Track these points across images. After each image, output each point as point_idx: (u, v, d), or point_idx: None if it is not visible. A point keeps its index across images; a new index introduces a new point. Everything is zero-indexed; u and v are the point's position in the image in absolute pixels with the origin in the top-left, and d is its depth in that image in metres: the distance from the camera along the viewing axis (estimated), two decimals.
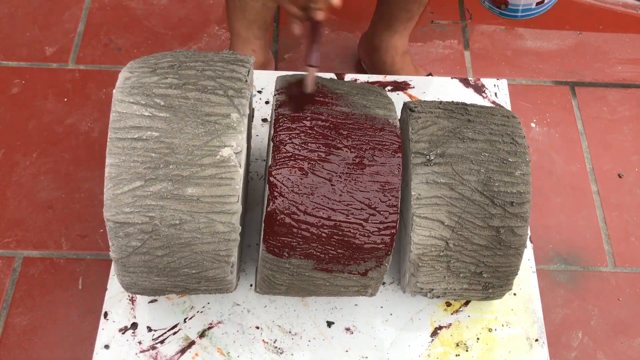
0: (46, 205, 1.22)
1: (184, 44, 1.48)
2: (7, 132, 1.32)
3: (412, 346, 0.94)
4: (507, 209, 0.83)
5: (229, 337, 0.94)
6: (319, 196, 0.78)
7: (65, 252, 1.17)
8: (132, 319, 0.95)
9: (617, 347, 1.12)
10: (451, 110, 0.89)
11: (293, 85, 0.85)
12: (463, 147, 0.85)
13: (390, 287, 0.99)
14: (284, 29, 1.52)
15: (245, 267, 0.99)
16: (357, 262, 0.81)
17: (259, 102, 1.15)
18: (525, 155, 0.85)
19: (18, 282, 1.14)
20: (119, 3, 1.54)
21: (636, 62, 1.50)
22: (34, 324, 1.10)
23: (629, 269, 1.21)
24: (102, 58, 1.44)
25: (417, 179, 0.84)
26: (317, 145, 0.79)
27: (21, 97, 1.37)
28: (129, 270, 0.82)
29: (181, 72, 0.81)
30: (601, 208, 1.28)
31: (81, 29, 1.49)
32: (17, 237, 1.19)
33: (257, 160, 1.10)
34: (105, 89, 1.39)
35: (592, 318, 1.15)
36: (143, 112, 0.77)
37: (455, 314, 0.97)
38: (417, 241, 0.84)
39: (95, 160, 1.28)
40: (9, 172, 1.26)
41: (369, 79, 1.20)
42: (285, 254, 0.80)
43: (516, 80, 1.46)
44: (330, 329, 0.95)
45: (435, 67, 1.48)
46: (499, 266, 0.85)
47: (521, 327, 0.96)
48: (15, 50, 1.44)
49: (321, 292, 0.88)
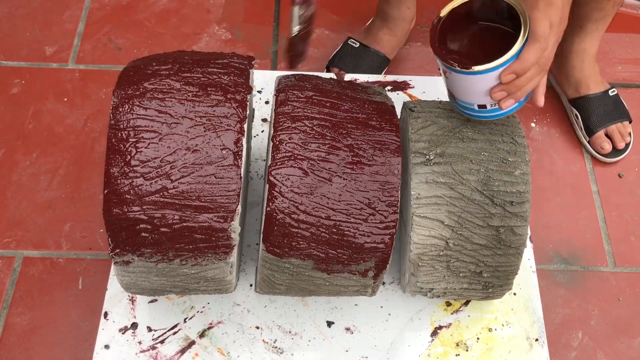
0: (46, 205, 1.22)
1: (184, 44, 1.47)
2: (7, 132, 1.32)
3: (412, 346, 0.94)
4: (506, 209, 0.83)
5: (229, 337, 0.94)
6: (318, 196, 0.78)
7: (65, 252, 1.17)
8: (132, 319, 0.95)
9: (617, 347, 1.12)
10: (451, 109, 0.89)
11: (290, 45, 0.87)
12: (463, 147, 0.85)
13: (390, 287, 0.99)
14: (284, 29, 1.52)
15: (245, 267, 0.99)
16: (357, 262, 0.81)
17: (259, 102, 1.15)
18: (525, 154, 0.85)
19: (18, 282, 1.14)
20: (119, 3, 1.54)
21: (636, 62, 1.50)
22: (34, 324, 1.10)
23: (629, 269, 1.21)
24: (102, 58, 1.44)
25: (416, 179, 0.84)
26: (317, 144, 0.79)
27: (21, 97, 1.37)
28: (129, 270, 0.82)
29: (181, 72, 0.81)
30: (601, 208, 1.28)
31: (81, 29, 1.49)
32: (17, 237, 1.19)
33: (257, 160, 1.10)
34: (105, 89, 1.38)
35: (592, 318, 1.15)
36: (143, 112, 0.78)
37: (455, 313, 0.97)
38: (417, 241, 0.84)
39: (95, 160, 1.28)
40: (9, 172, 1.26)
41: (369, 79, 1.20)
42: (285, 254, 0.80)
43: None
44: (330, 329, 0.95)
45: (436, 67, 1.47)
46: (498, 266, 0.85)
47: (521, 327, 0.96)
48: (15, 50, 1.44)
49: (321, 292, 0.88)
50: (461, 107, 0.85)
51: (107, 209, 0.76)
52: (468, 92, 0.82)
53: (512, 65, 0.77)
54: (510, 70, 0.77)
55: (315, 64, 1.43)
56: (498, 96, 0.80)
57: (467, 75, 0.78)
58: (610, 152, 1.32)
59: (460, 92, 0.83)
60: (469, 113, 0.85)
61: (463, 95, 0.83)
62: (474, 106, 0.83)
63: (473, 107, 0.83)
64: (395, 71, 1.45)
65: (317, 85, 0.86)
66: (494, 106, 0.82)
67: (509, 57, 0.76)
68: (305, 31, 0.86)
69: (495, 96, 0.80)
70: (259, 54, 1.47)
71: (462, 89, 0.82)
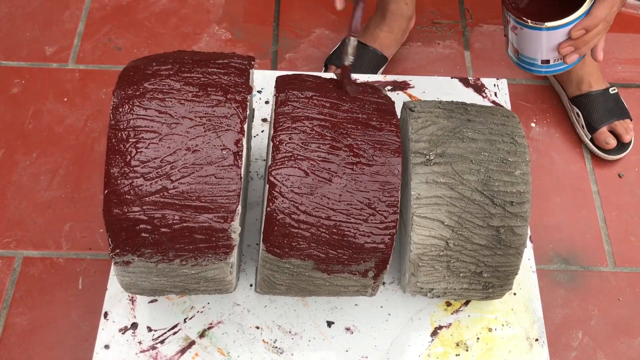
0: (46, 205, 1.22)
1: (184, 44, 1.48)
2: (7, 132, 1.32)
3: (412, 346, 0.94)
4: (507, 209, 0.83)
5: (229, 337, 0.94)
6: (318, 196, 0.78)
7: (65, 252, 1.17)
8: (132, 319, 0.95)
9: (618, 347, 1.12)
10: (451, 110, 0.89)
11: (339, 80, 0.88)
12: (463, 147, 0.85)
13: (390, 287, 0.99)
14: (284, 29, 1.52)
15: (245, 267, 0.99)
16: (357, 262, 0.81)
17: (259, 102, 1.15)
18: (525, 154, 0.85)
19: (18, 282, 1.14)
20: (119, 3, 1.54)
21: (636, 62, 1.50)
22: (34, 324, 1.10)
23: (629, 269, 1.21)
24: (102, 58, 1.44)
25: (416, 179, 0.84)
26: (317, 145, 0.79)
27: (21, 97, 1.37)
28: (129, 270, 0.82)
29: (181, 72, 0.81)
30: (601, 208, 1.28)
31: (81, 29, 1.49)
32: (17, 237, 1.19)
33: (257, 160, 1.10)
34: (105, 89, 1.39)
35: (592, 318, 1.15)
36: (142, 112, 0.78)
37: (455, 313, 0.97)
38: (417, 241, 0.84)
39: (95, 160, 1.28)
40: (9, 172, 1.26)
41: (369, 79, 1.20)
42: (285, 254, 0.80)
43: (516, 80, 1.46)
44: (330, 329, 0.95)
45: (435, 67, 1.48)
46: (499, 266, 0.85)
47: (521, 327, 0.96)
48: (15, 50, 1.44)
49: (321, 292, 0.88)
50: (523, 62, 0.90)
51: (107, 209, 0.76)
52: (536, 47, 0.86)
53: (584, 21, 0.81)
54: (581, 26, 0.82)
55: (315, 64, 1.43)
56: (566, 51, 0.84)
57: (539, 31, 0.83)
58: (614, 148, 1.32)
59: (527, 48, 0.86)
60: (529, 68, 0.89)
61: (530, 51, 0.87)
62: (537, 61, 0.88)
63: (536, 62, 0.88)
64: (395, 71, 1.45)
65: (317, 85, 0.86)
66: (557, 61, 0.87)
67: (581, 13, 0.82)
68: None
69: (563, 51, 0.84)
70: (259, 54, 1.47)
71: (530, 45, 0.86)
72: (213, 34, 1.50)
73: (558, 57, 0.87)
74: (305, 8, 1.56)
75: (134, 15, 1.52)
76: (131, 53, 1.45)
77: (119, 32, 1.49)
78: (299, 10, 1.55)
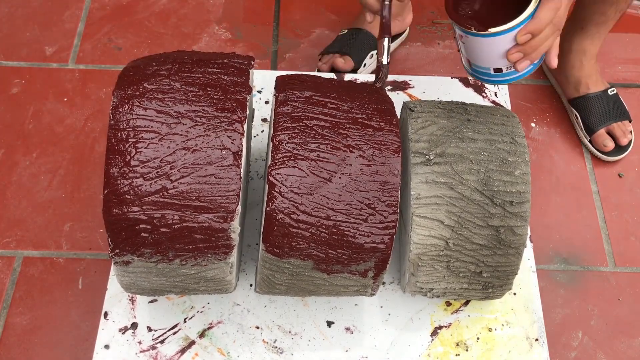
0: (46, 205, 1.22)
1: (184, 44, 1.47)
2: (7, 132, 1.32)
3: (412, 346, 0.94)
4: (506, 209, 0.83)
5: (229, 337, 0.94)
6: (318, 196, 0.78)
7: (65, 252, 1.17)
8: (132, 319, 0.95)
9: (617, 347, 1.12)
10: (451, 109, 0.89)
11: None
12: (463, 147, 0.85)
13: (390, 287, 0.99)
14: (284, 29, 1.52)
15: (245, 267, 0.99)
16: (357, 262, 0.81)
17: (259, 102, 1.15)
18: (525, 154, 0.85)
19: (18, 282, 1.14)
20: (119, 3, 1.54)
21: (636, 62, 1.49)
22: (34, 324, 1.10)
23: (629, 269, 1.21)
24: (102, 58, 1.44)
25: (416, 179, 0.84)
26: (317, 145, 0.79)
27: (21, 97, 1.37)
28: (129, 270, 0.82)
29: (181, 72, 0.81)
30: (601, 208, 1.28)
31: (81, 29, 1.49)
32: (17, 237, 1.19)
33: (257, 160, 1.10)
34: (105, 89, 1.38)
35: (592, 318, 1.15)
36: (142, 112, 0.78)
37: (455, 313, 0.97)
38: (417, 241, 0.84)
39: (95, 160, 1.28)
40: (9, 172, 1.26)
41: (369, 79, 1.20)
42: (285, 254, 0.80)
43: None
44: (330, 329, 0.95)
45: (435, 67, 1.47)
46: (498, 266, 0.85)
47: (521, 327, 0.96)
48: (15, 50, 1.44)
49: (321, 292, 0.88)
50: (477, 73, 0.88)
51: (107, 209, 0.76)
52: (484, 55, 0.84)
53: (528, 25, 0.79)
54: (526, 30, 0.79)
55: (315, 64, 1.42)
56: (515, 57, 0.82)
57: (484, 38, 0.81)
58: (613, 150, 1.32)
59: (476, 57, 0.85)
60: (485, 79, 0.87)
61: (479, 59, 0.85)
62: (490, 70, 0.86)
63: (489, 71, 0.86)
64: (395, 71, 1.45)
65: (317, 85, 0.86)
66: (509, 69, 0.85)
67: (524, 18, 0.79)
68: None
69: (511, 57, 0.82)
70: (259, 54, 1.47)
71: (478, 53, 0.84)
72: (213, 33, 1.50)
73: (509, 65, 0.84)
74: (305, 8, 1.56)
75: (134, 15, 1.52)
76: (131, 53, 1.45)
77: (119, 32, 1.49)
78: (299, 10, 1.55)
